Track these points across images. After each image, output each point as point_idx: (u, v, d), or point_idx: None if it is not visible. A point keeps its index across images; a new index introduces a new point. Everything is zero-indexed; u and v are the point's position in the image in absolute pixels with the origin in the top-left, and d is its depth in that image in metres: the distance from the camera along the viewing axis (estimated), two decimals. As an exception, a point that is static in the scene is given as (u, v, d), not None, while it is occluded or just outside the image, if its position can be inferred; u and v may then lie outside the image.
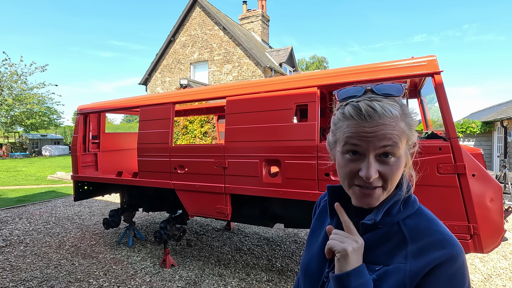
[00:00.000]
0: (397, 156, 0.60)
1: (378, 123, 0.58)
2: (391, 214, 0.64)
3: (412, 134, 0.62)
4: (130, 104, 3.75)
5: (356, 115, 0.60)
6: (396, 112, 0.59)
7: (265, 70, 14.25)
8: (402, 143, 0.60)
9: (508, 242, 4.17)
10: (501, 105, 12.75)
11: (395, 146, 0.58)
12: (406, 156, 0.63)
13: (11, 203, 6.86)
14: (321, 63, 39.73)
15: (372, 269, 0.62)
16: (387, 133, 0.58)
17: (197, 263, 3.60)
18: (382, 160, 0.59)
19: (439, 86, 2.08)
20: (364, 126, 0.59)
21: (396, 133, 0.58)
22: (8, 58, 19.54)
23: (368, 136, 0.58)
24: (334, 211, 0.74)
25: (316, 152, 2.41)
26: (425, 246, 0.59)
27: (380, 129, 0.58)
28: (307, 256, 0.78)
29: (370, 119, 0.58)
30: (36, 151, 22.70)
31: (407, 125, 0.61)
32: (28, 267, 3.51)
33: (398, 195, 0.65)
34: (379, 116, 0.58)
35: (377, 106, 0.59)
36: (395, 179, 0.61)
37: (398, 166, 0.60)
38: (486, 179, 2.00)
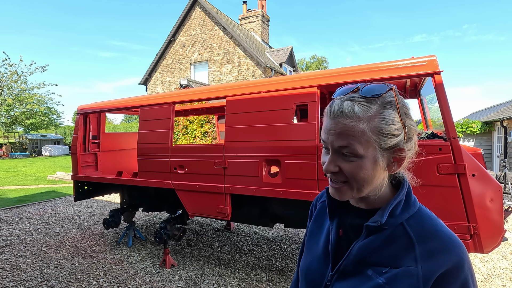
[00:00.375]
0: (358, 157, 0.61)
1: (338, 122, 0.61)
2: (394, 215, 0.64)
3: (381, 138, 0.60)
4: (130, 104, 3.75)
5: (327, 113, 0.64)
6: (361, 113, 0.60)
7: (265, 70, 14.25)
8: (363, 145, 0.60)
9: (508, 242, 4.17)
10: (501, 105, 12.75)
11: (350, 146, 0.60)
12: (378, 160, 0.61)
13: (11, 203, 6.86)
14: (321, 63, 39.73)
15: (379, 272, 0.61)
16: (342, 133, 0.61)
17: (197, 263, 3.60)
18: (345, 158, 0.62)
19: (439, 86, 2.08)
20: (331, 122, 0.63)
21: (353, 134, 0.60)
22: (8, 58, 19.55)
23: (331, 133, 0.62)
24: (333, 213, 0.74)
25: (316, 152, 2.41)
26: (434, 249, 0.59)
27: (338, 128, 0.61)
28: (307, 260, 0.77)
29: (334, 117, 0.62)
30: (36, 151, 22.71)
31: (373, 128, 0.60)
32: (28, 267, 3.51)
33: (401, 195, 0.65)
34: (342, 115, 0.61)
35: (344, 106, 0.61)
36: (359, 178, 0.61)
37: (360, 167, 0.61)
38: (486, 179, 2.00)
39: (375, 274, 0.62)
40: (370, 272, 0.63)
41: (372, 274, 0.62)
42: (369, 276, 0.62)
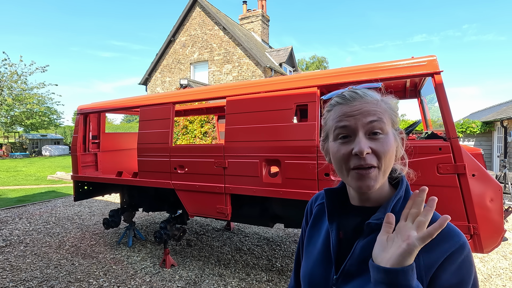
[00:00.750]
0: (385, 133, 0.63)
1: (361, 101, 0.64)
2: (394, 211, 0.65)
3: (396, 116, 0.67)
4: (130, 104, 3.75)
5: (341, 100, 0.66)
6: (376, 96, 0.66)
7: (265, 70, 14.25)
8: (387, 121, 0.64)
9: (508, 242, 4.17)
10: (501, 105, 12.75)
11: (380, 121, 0.63)
12: (396, 139, 0.66)
13: (11, 203, 6.86)
14: (321, 63, 39.73)
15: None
16: (370, 110, 0.63)
17: (197, 263, 3.60)
18: (372, 137, 0.63)
19: (439, 86, 2.08)
20: (350, 106, 0.65)
21: (379, 110, 0.64)
22: (8, 58, 19.55)
23: (355, 114, 0.63)
24: (333, 215, 0.73)
25: (316, 152, 2.41)
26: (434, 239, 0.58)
27: (364, 107, 0.64)
28: (308, 265, 0.76)
29: (353, 100, 0.65)
30: (36, 151, 22.70)
31: (389, 107, 0.66)
32: (28, 267, 3.51)
33: (400, 192, 0.66)
34: (361, 97, 0.65)
35: (359, 91, 0.66)
36: (388, 156, 0.63)
37: (388, 143, 0.63)
38: (486, 179, 2.00)
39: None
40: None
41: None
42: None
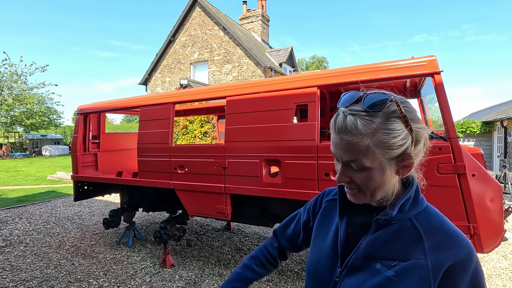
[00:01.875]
0: (366, 169, 0.63)
1: (342, 138, 0.63)
2: (403, 210, 0.66)
3: (386, 151, 0.61)
4: (130, 104, 3.75)
5: (332, 127, 0.66)
6: (364, 129, 0.60)
7: (265, 70, 14.25)
8: (369, 158, 0.61)
9: (508, 242, 4.17)
10: (501, 105, 12.75)
11: (356, 161, 0.62)
12: (386, 169, 0.63)
13: (11, 203, 6.86)
14: (321, 63, 39.73)
15: (387, 265, 0.63)
16: (347, 149, 0.62)
17: (197, 263, 3.60)
18: (354, 169, 0.64)
19: (439, 86, 2.08)
20: (335, 138, 0.65)
21: (357, 150, 0.61)
22: (8, 58, 19.54)
23: (338, 147, 0.64)
24: (343, 211, 0.75)
25: (316, 152, 2.41)
26: (442, 242, 0.62)
27: (343, 144, 0.63)
28: (314, 257, 0.77)
29: (338, 133, 0.63)
30: (36, 151, 22.70)
31: (378, 142, 0.60)
32: (28, 267, 3.51)
33: (410, 192, 0.67)
34: (344, 132, 0.62)
35: (347, 122, 0.61)
36: (369, 186, 0.64)
37: (369, 178, 0.63)
38: (486, 179, 2.00)
39: (383, 267, 0.63)
40: (378, 266, 0.64)
41: (381, 268, 0.63)
42: (377, 270, 0.63)
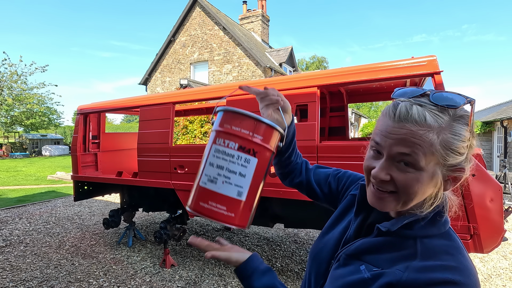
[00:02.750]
0: (417, 169, 0.55)
1: (404, 126, 0.54)
2: (412, 228, 0.60)
3: (448, 154, 0.55)
4: (130, 104, 3.76)
5: (390, 114, 0.58)
6: (433, 123, 0.54)
7: (265, 70, 14.25)
8: (425, 158, 0.54)
9: (508, 242, 4.18)
10: (501, 105, 12.75)
11: (412, 155, 0.54)
12: (436, 177, 0.56)
13: (11, 203, 6.86)
14: (321, 63, 39.75)
15: (369, 269, 0.61)
16: (406, 140, 0.54)
17: (197, 263, 3.60)
18: (400, 166, 0.56)
19: (439, 86, 2.08)
20: (391, 126, 0.56)
21: (420, 143, 0.53)
22: (8, 58, 19.54)
23: (391, 137, 0.56)
24: (360, 210, 0.74)
25: (316, 152, 2.41)
26: (432, 267, 0.53)
27: (403, 133, 0.54)
28: (319, 244, 0.77)
29: (399, 121, 0.55)
30: (36, 151, 22.70)
31: (443, 142, 0.54)
32: (28, 267, 3.51)
33: (425, 212, 0.60)
34: (408, 119, 0.54)
35: (414, 110, 0.54)
36: (411, 191, 0.56)
37: (416, 180, 0.55)
38: (486, 179, 2.00)
39: (365, 270, 0.61)
40: (363, 267, 0.62)
41: (363, 270, 0.62)
42: (360, 270, 0.62)
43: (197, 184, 0.70)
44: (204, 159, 0.72)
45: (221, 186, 0.68)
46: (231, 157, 0.68)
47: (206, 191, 0.68)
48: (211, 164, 0.69)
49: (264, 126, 0.72)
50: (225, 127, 0.70)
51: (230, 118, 0.71)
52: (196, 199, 0.69)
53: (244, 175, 0.69)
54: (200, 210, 0.68)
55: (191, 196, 0.71)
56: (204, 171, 0.70)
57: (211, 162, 0.69)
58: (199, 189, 0.70)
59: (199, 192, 0.69)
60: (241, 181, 0.69)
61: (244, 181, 0.69)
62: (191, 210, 0.69)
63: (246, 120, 0.70)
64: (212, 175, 0.68)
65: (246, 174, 0.69)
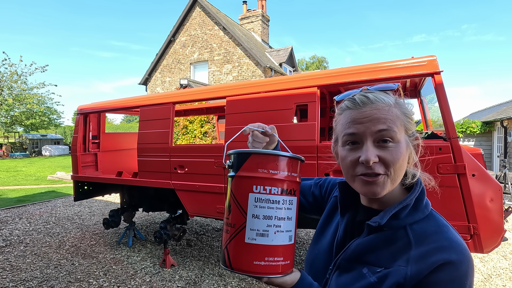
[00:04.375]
0: (395, 142, 0.60)
1: (371, 107, 0.61)
2: (399, 217, 0.62)
3: (410, 122, 0.63)
4: (130, 104, 3.76)
5: (351, 105, 0.64)
6: (389, 101, 0.62)
7: (265, 70, 14.25)
8: (398, 129, 0.61)
9: (508, 242, 4.17)
10: (501, 105, 12.75)
11: (390, 130, 0.59)
12: (408, 146, 0.63)
13: (11, 203, 6.86)
14: (321, 63, 39.74)
15: (373, 271, 0.61)
16: (380, 117, 0.60)
17: (197, 263, 3.60)
18: (381, 145, 0.60)
19: (439, 86, 2.08)
20: (359, 112, 0.62)
21: (390, 117, 0.60)
22: (8, 58, 19.54)
23: (363, 122, 0.61)
24: (344, 209, 0.74)
25: (316, 152, 2.41)
26: (429, 251, 0.57)
27: (374, 113, 0.60)
28: (313, 252, 0.78)
29: (363, 105, 0.62)
30: (36, 151, 22.70)
31: (402, 113, 0.62)
32: (28, 267, 3.51)
33: (408, 200, 0.63)
34: (371, 102, 0.61)
35: (370, 95, 0.63)
36: (398, 165, 0.60)
37: (399, 152, 0.60)
38: (486, 179, 2.00)
39: (369, 273, 0.61)
40: (365, 270, 0.62)
41: (367, 273, 0.62)
42: (363, 274, 0.62)
43: (241, 242, 0.62)
44: (241, 211, 0.64)
45: (274, 237, 0.62)
46: (277, 203, 0.63)
47: (258, 248, 0.61)
48: (255, 216, 0.62)
49: (295, 161, 0.68)
50: (260, 172, 0.64)
51: (263, 161, 0.64)
52: (246, 259, 0.61)
53: (291, 218, 0.65)
54: (257, 269, 0.61)
55: (231, 256, 0.63)
56: (248, 225, 0.62)
57: (255, 214, 0.62)
58: (247, 247, 0.62)
59: (250, 251, 0.61)
60: (290, 225, 0.65)
61: (292, 223, 0.65)
62: (242, 273, 0.62)
63: (281, 161, 0.65)
64: (261, 228, 0.62)
65: (292, 216, 0.66)
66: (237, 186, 0.66)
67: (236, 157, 0.68)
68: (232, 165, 0.68)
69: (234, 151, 0.68)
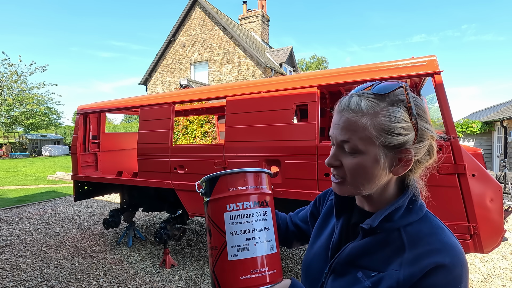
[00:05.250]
0: (358, 152, 0.60)
1: (343, 116, 0.61)
2: (392, 220, 0.62)
3: (384, 136, 0.58)
4: (130, 104, 3.76)
5: (336, 108, 0.64)
6: (366, 109, 0.59)
7: (265, 70, 14.25)
8: (362, 141, 0.59)
9: (508, 242, 4.17)
10: (501, 105, 12.75)
11: (350, 142, 0.60)
12: (379, 158, 0.59)
13: (11, 203, 6.86)
14: (321, 63, 39.73)
15: (367, 275, 0.61)
16: (344, 128, 0.61)
17: (197, 263, 3.60)
18: (348, 153, 0.62)
19: (439, 86, 2.08)
20: (337, 116, 0.63)
21: (354, 128, 0.59)
22: (8, 58, 19.52)
23: (336, 127, 0.63)
24: (340, 212, 0.74)
25: (316, 152, 2.41)
26: (421, 254, 0.56)
27: (341, 122, 0.61)
28: (308, 256, 0.78)
29: (340, 111, 0.62)
30: (36, 151, 22.70)
31: (376, 124, 0.58)
32: (28, 267, 3.51)
33: (401, 201, 0.62)
34: (346, 109, 0.61)
35: (352, 101, 0.61)
36: (356, 174, 0.61)
37: (360, 164, 0.60)
38: (486, 179, 2.00)
39: (364, 277, 0.61)
40: (360, 274, 0.62)
41: (362, 277, 0.61)
42: (358, 278, 0.62)
43: (225, 261, 0.65)
44: (219, 232, 0.67)
45: (255, 249, 0.65)
46: (252, 216, 0.67)
47: (242, 262, 0.64)
48: (233, 233, 0.66)
49: (261, 175, 0.72)
50: (230, 191, 0.68)
51: (231, 180, 0.69)
52: (233, 276, 0.63)
53: (268, 228, 0.68)
54: (245, 285, 0.63)
55: (219, 278, 0.65)
56: (229, 243, 0.65)
57: (233, 231, 0.66)
58: (231, 264, 0.64)
59: (235, 267, 0.64)
60: (269, 235, 0.68)
61: (270, 233, 0.68)
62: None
63: (248, 176, 0.69)
64: (241, 243, 0.65)
65: (269, 226, 0.69)
66: (212, 209, 0.69)
67: (207, 183, 0.71)
68: (206, 192, 0.72)
69: (204, 178, 0.72)
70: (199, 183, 0.75)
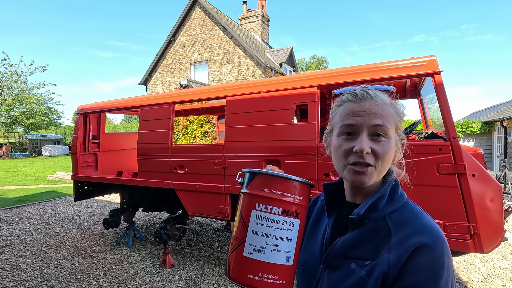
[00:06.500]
0: (387, 137, 0.65)
1: (371, 103, 0.66)
2: (377, 209, 0.66)
3: (400, 122, 0.68)
4: (130, 104, 3.76)
5: (352, 98, 0.68)
6: (386, 100, 0.68)
7: (265, 70, 14.25)
8: (391, 126, 0.66)
9: (508, 242, 4.17)
10: (501, 105, 12.74)
11: (384, 125, 0.64)
12: (396, 144, 0.68)
13: (11, 203, 6.86)
14: (321, 63, 39.73)
15: (361, 265, 0.63)
16: (378, 113, 0.65)
17: (197, 263, 3.60)
18: (374, 139, 0.65)
19: (439, 86, 2.08)
20: (359, 105, 0.66)
21: (386, 114, 0.65)
22: (8, 58, 19.51)
23: (362, 114, 0.65)
24: (331, 209, 0.76)
25: (316, 152, 2.41)
26: (406, 236, 0.61)
27: (373, 108, 0.65)
28: (304, 255, 0.79)
29: (364, 100, 0.66)
30: (36, 151, 22.70)
31: (395, 112, 0.68)
32: (28, 267, 3.51)
33: (383, 190, 0.67)
34: (371, 98, 0.66)
35: (370, 91, 0.68)
36: (386, 159, 0.65)
37: (389, 147, 0.65)
38: (486, 179, 2.00)
39: (358, 267, 0.63)
40: (353, 265, 0.64)
41: (355, 268, 0.64)
42: (352, 270, 0.64)
43: (240, 255, 0.66)
44: (243, 226, 0.67)
45: (270, 255, 0.64)
46: (277, 223, 0.66)
47: (254, 262, 0.64)
48: (254, 232, 0.65)
49: (302, 185, 0.70)
50: (264, 191, 0.67)
51: (268, 182, 0.68)
52: (242, 271, 0.65)
53: (290, 239, 0.67)
54: (250, 283, 0.64)
55: (231, 266, 0.67)
56: (248, 240, 0.66)
57: (255, 230, 0.66)
58: (244, 260, 0.65)
59: (246, 264, 0.65)
60: (289, 246, 0.67)
61: (291, 245, 0.67)
62: (237, 284, 0.65)
63: (286, 183, 0.68)
64: (259, 244, 0.65)
65: (292, 237, 0.67)
66: (243, 202, 0.70)
67: (247, 175, 0.72)
68: (243, 182, 0.73)
69: (247, 169, 0.73)
70: (241, 173, 0.76)
